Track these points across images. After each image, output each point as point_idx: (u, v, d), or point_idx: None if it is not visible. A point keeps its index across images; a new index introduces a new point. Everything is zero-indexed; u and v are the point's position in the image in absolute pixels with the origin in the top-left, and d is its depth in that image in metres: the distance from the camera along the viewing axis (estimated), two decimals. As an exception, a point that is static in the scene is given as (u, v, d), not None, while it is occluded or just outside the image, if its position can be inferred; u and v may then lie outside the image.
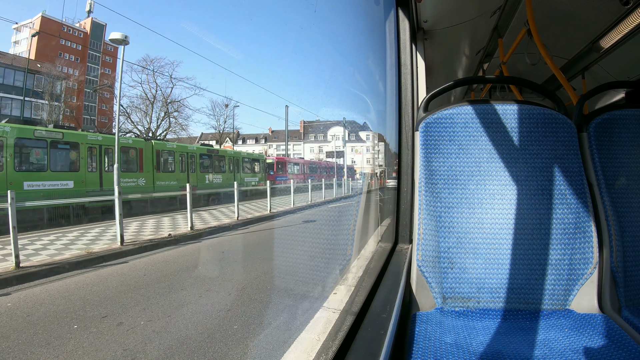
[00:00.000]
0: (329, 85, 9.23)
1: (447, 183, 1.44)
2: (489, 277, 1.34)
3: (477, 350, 1.08)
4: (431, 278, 1.36)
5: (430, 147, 1.46)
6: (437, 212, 1.41)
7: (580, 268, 1.32)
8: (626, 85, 1.99)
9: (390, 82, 1.99)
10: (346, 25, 3.12)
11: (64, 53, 42.24)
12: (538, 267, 1.33)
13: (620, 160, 1.43)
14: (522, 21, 2.54)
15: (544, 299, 1.32)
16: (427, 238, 1.38)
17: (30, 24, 39.35)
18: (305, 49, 41.86)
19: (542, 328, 1.23)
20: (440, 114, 1.48)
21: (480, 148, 1.45)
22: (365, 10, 2.39)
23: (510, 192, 1.41)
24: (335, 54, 8.39)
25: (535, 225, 1.36)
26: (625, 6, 2.20)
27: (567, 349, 1.09)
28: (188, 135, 39.80)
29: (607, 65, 2.97)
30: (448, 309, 1.34)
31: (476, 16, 2.62)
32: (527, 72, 3.28)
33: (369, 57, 2.59)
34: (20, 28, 39.20)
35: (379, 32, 2.07)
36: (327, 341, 0.94)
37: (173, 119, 36.95)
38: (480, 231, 1.38)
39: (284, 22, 44.81)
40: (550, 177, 1.39)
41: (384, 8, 2.03)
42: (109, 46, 46.19)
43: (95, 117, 43.52)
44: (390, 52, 2.00)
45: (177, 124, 37.34)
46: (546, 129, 1.43)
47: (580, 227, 1.34)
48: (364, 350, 0.83)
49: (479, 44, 3.22)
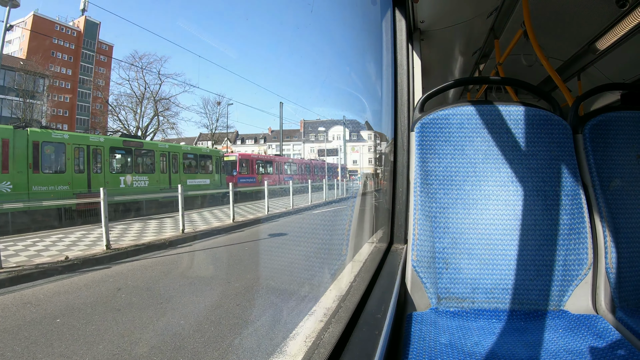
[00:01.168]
0: (325, 86, 9.22)
1: (442, 184, 1.43)
2: (483, 278, 1.34)
3: (471, 350, 1.08)
4: (426, 278, 1.36)
5: (426, 147, 1.46)
6: (432, 212, 1.41)
7: (574, 269, 1.32)
8: (622, 87, 1.99)
9: (386, 83, 1.99)
10: (342, 26, 3.12)
11: (56, 52, 41.85)
12: (533, 268, 1.33)
13: (615, 161, 1.44)
14: (519, 22, 2.55)
15: (538, 300, 1.32)
16: (422, 238, 1.38)
17: (23, 23, 39.00)
18: (302, 49, 41.84)
19: (537, 328, 1.23)
20: (436, 115, 1.48)
21: (476, 149, 1.45)
22: (362, 11, 2.39)
23: (505, 193, 1.41)
24: (331, 54, 8.40)
25: (530, 226, 1.36)
26: (622, 8, 2.21)
27: (561, 349, 1.09)
28: (178, 136, 38.58)
29: (602, 67, 2.99)
30: (443, 309, 1.34)
31: (473, 17, 2.63)
32: (523, 73, 3.29)
33: (365, 57, 2.59)
34: (12, 27, 38.87)
35: (375, 33, 2.07)
36: (322, 342, 0.93)
37: (162, 118, 35.37)
38: (475, 232, 1.38)
39: (280, 22, 44.78)
40: (545, 178, 1.40)
41: (381, 8, 2.03)
42: (103, 45, 45.81)
43: (89, 116, 43.05)
44: (386, 53, 2.00)
45: (166, 122, 35.76)
46: (541, 130, 1.43)
47: (575, 228, 1.35)
48: (358, 350, 0.83)
49: (475, 44, 3.23)
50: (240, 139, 59.54)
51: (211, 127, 42.09)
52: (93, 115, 42.96)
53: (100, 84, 42.21)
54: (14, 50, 39.18)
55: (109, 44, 46.89)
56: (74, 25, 43.96)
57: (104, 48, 46.03)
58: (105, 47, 45.97)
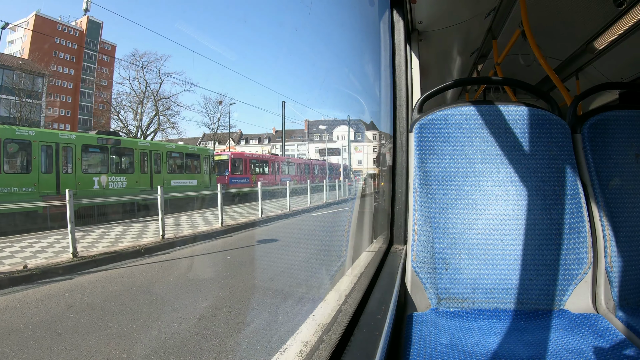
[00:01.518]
0: (324, 87, 9.17)
1: (441, 184, 1.43)
2: (483, 278, 1.34)
3: (472, 350, 1.08)
4: (426, 279, 1.36)
5: (425, 148, 1.46)
6: (432, 213, 1.41)
7: (574, 268, 1.32)
8: (620, 86, 2.00)
9: (384, 83, 1.99)
10: (340, 27, 3.13)
11: (58, 52, 41.76)
12: (532, 268, 1.33)
13: (614, 160, 1.44)
14: (517, 22, 2.56)
15: (538, 299, 1.32)
16: (421, 239, 1.38)
17: (25, 23, 38.95)
18: (300, 50, 41.84)
19: (537, 328, 1.23)
20: (435, 115, 1.48)
21: (475, 149, 1.45)
22: (360, 12, 2.39)
23: (505, 193, 1.41)
24: (329, 55, 8.40)
25: (529, 225, 1.36)
26: (619, 7, 2.22)
27: (561, 349, 1.09)
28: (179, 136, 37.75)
29: (600, 67, 2.99)
30: (443, 310, 1.34)
31: (470, 17, 2.63)
32: (521, 73, 3.30)
33: (363, 59, 2.59)
34: (14, 28, 38.81)
35: (373, 33, 2.08)
36: (322, 342, 0.93)
37: (163, 117, 34.55)
38: (475, 232, 1.38)
39: (279, 24, 44.78)
40: (544, 177, 1.40)
41: (379, 9, 2.03)
42: (106, 45, 45.65)
43: (92, 117, 42.89)
44: (384, 53, 2.00)
45: (167, 122, 34.99)
46: (540, 130, 1.44)
47: (574, 227, 1.35)
48: (359, 351, 0.83)
49: (474, 45, 3.24)
50: (245, 139, 59.06)
51: (213, 127, 41.38)
52: (95, 115, 42.78)
53: (103, 84, 41.95)
54: (16, 50, 39.14)
55: (112, 43, 46.69)
56: (76, 25, 43.88)
57: (106, 48, 45.87)
58: (108, 47, 45.78)
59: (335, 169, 35.32)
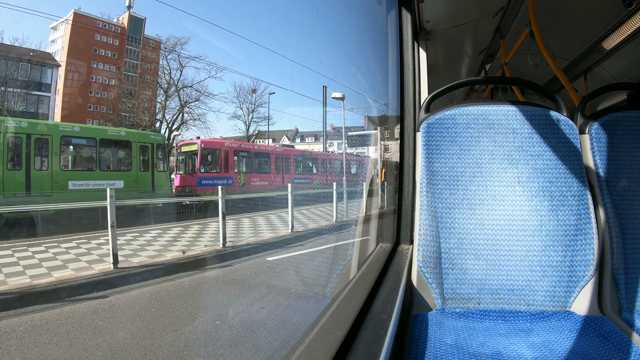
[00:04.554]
0: (331, 85, 9.13)
1: (448, 184, 1.43)
2: (489, 278, 1.34)
3: (477, 351, 1.08)
4: (432, 279, 1.36)
5: (432, 147, 1.46)
6: (438, 212, 1.41)
7: (581, 270, 1.32)
8: (628, 87, 1.99)
9: (392, 83, 1.98)
10: (348, 25, 3.12)
11: (99, 49, 41.25)
12: (539, 269, 1.33)
13: (622, 162, 1.43)
14: (525, 22, 2.54)
15: (544, 301, 1.32)
16: (428, 239, 1.38)
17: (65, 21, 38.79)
18: (308, 48, 41.52)
19: (543, 330, 1.23)
20: (442, 115, 1.48)
21: (482, 149, 1.45)
22: (367, 10, 2.39)
23: (512, 193, 1.40)
24: (337, 53, 8.37)
25: (536, 226, 1.36)
26: (628, 7, 2.20)
27: (567, 351, 1.09)
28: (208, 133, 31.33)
29: (609, 67, 2.97)
30: (448, 310, 1.34)
31: (478, 17, 2.62)
32: (529, 73, 3.28)
33: (370, 57, 2.59)
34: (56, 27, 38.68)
35: (380, 32, 2.07)
36: (328, 340, 0.93)
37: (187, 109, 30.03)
38: (481, 232, 1.38)
39: (286, 21, 44.53)
40: (552, 178, 1.39)
41: (386, 8, 2.03)
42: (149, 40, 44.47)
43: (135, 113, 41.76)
44: (392, 52, 2.00)
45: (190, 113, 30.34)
46: (548, 130, 1.43)
47: (581, 228, 1.34)
48: (364, 350, 0.83)
49: (481, 44, 3.22)
50: (300, 137, 55.33)
51: (245, 119, 34.75)
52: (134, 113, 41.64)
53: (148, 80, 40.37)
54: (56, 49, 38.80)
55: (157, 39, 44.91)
56: (117, 21, 43.27)
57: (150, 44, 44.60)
58: (152, 42, 44.41)
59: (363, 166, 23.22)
